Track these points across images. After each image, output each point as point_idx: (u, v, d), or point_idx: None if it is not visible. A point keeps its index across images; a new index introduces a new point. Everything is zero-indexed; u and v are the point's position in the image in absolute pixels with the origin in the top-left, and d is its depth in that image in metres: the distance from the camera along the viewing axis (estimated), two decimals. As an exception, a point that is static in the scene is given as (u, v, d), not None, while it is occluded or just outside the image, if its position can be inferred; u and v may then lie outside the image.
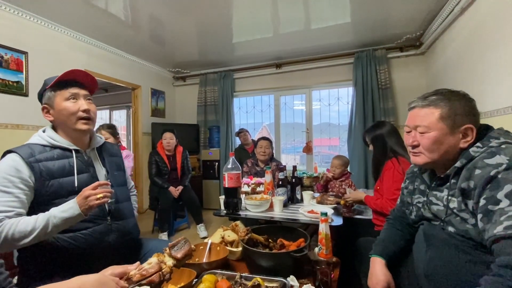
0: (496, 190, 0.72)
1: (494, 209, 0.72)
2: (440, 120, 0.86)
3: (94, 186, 0.95)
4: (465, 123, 0.85)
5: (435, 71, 3.26)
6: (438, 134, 0.86)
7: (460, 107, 0.86)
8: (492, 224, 0.72)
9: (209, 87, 4.60)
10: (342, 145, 4.20)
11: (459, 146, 0.86)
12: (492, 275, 0.69)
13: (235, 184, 1.58)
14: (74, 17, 2.77)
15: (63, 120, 1.06)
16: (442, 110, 0.86)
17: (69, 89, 1.06)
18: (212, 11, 2.69)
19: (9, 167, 0.94)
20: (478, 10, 2.21)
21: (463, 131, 0.85)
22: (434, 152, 0.88)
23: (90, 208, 0.94)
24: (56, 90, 1.06)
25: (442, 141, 0.86)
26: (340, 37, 3.39)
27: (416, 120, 0.92)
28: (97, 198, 0.93)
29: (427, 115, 0.89)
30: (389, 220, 1.19)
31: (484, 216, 0.74)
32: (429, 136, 0.88)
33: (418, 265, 0.95)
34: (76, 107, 1.06)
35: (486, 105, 2.14)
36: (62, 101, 1.05)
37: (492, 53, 2.03)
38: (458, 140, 0.86)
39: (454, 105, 0.86)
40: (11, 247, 0.90)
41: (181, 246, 0.77)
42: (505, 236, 0.68)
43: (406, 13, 2.80)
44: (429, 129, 0.88)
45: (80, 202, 0.93)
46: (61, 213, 0.91)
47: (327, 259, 1.11)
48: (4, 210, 0.89)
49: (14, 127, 2.51)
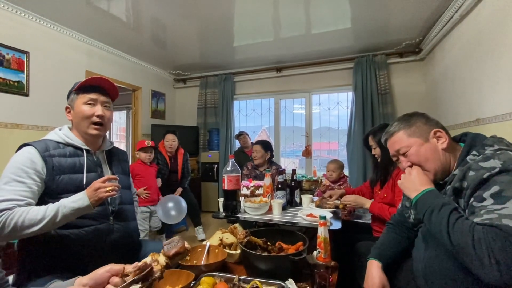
0: (484, 190, 0.75)
1: (477, 205, 0.76)
2: (410, 137, 0.99)
3: (103, 180, 1.00)
4: (430, 129, 0.97)
5: (434, 77, 3.28)
6: (417, 147, 0.97)
7: (417, 120, 1.00)
8: (472, 216, 0.75)
9: (210, 89, 4.62)
10: (341, 150, 4.21)
11: (440, 148, 0.95)
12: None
13: (235, 186, 1.58)
14: (76, 18, 2.79)
15: (78, 122, 1.13)
16: (405, 129, 1.00)
17: (90, 94, 1.13)
18: (214, 14, 2.71)
19: (25, 159, 0.99)
20: (478, 18, 2.24)
21: (433, 135, 0.96)
22: (427, 162, 0.95)
23: (99, 200, 0.98)
24: (79, 93, 1.13)
25: (424, 150, 0.95)
26: (340, 42, 3.42)
27: (394, 146, 1.03)
28: (106, 190, 0.98)
29: (399, 139, 1.01)
30: (389, 224, 1.21)
31: (468, 211, 0.78)
32: (411, 153, 0.97)
33: (417, 265, 0.96)
34: (92, 112, 1.12)
35: (484, 111, 2.16)
36: (81, 104, 1.12)
37: (491, 60, 2.05)
38: (435, 144, 0.95)
39: (412, 122, 1.00)
40: (19, 236, 0.92)
41: (174, 245, 0.77)
42: (482, 224, 0.71)
43: (406, 19, 2.83)
44: (408, 147, 0.98)
45: (89, 194, 0.97)
46: (71, 203, 0.95)
47: (326, 262, 1.11)
48: (16, 198, 0.93)
49: (14, 127, 2.51)
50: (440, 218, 0.79)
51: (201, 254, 1.24)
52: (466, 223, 0.73)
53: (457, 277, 0.81)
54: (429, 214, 0.83)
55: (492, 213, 0.71)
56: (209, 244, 1.29)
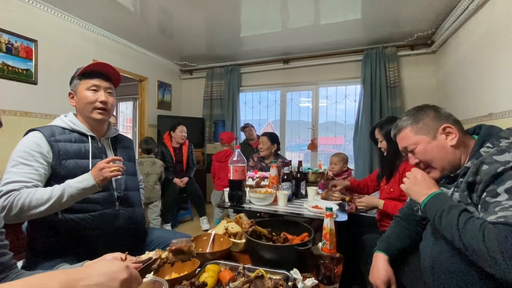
0: (498, 185, 0.73)
1: (491, 201, 0.73)
2: (416, 134, 0.96)
3: (108, 160, 1.01)
4: (439, 124, 0.93)
5: (445, 70, 3.20)
6: (424, 144, 0.94)
7: (425, 116, 0.95)
8: (486, 213, 0.73)
9: (216, 81, 4.59)
10: (347, 144, 4.16)
11: (448, 145, 0.91)
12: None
13: (240, 177, 1.58)
14: (84, 7, 2.78)
15: (81, 107, 1.14)
16: (412, 126, 0.97)
17: (92, 80, 1.13)
18: (221, 4, 2.66)
19: (31, 143, 1.01)
20: (493, 10, 2.15)
21: (442, 131, 0.92)
22: (434, 161, 0.93)
23: (105, 180, 0.98)
24: (81, 79, 1.14)
25: (431, 148, 0.93)
26: (349, 33, 3.34)
27: (402, 143, 1.01)
28: (111, 170, 0.98)
29: (406, 135, 0.98)
30: (396, 217, 1.19)
31: (482, 207, 0.76)
32: (418, 150, 0.95)
33: (425, 259, 0.95)
34: (95, 98, 1.12)
35: (498, 106, 2.10)
36: (84, 90, 1.13)
37: (506, 54, 1.98)
38: (444, 140, 0.91)
39: (419, 117, 0.96)
40: (27, 216, 0.93)
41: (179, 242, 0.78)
42: (495, 222, 0.69)
43: (418, 11, 2.74)
44: (415, 144, 0.96)
45: (95, 174, 0.98)
46: (77, 184, 0.96)
47: (331, 254, 1.10)
48: (24, 180, 0.95)
49: (23, 115, 2.54)
50: (450, 220, 0.77)
51: (206, 242, 1.25)
52: (476, 223, 0.72)
53: (466, 273, 0.79)
54: (438, 217, 0.81)
55: (507, 210, 0.68)
56: (215, 233, 1.29)
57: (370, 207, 1.66)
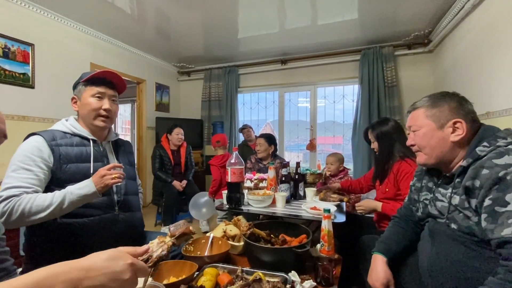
0: (504, 192, 0.70)
1: (501, 210, 0.70)
2: (426, 118, 0.94)
3: (109, 167, 1.01)
4: (453, 117, 0.89)
5: (443, 69, 3.20)
6: (426, 130, 0.93)
7: (445, 104, 0.92)
8: (498, 226, 0.70)
9: (214, 82, 4.59)
10: (346, 144, 4.17)
11: (450, 140, 0.89)
12: (499, 278, 0.68)
13: (238, 179, 1.58)
14: (81, 10, 2.77)
15: (84, 114, 1.15)
16: (427, 108, 0.95)
17: (98, 87, 1.13)
18: (218, 6, 2.66)
19: (32, 147, 1.01)
20: (489, 8, 2.16)
21: (452, 125, 0.89)
22: (426, 148, 0.93)
23: (106, 187, 0.99)
24: (86, 85, 1.14)
25: (431, 136, 0.92)
26: (346, 33, 3.35)
27: (410, 121, 1.01)
28: (112, 177, 0.98)
29: (417, 115, 0.97)
30: (394, 218, 1.19)
31: (489, 216, 0.73)
32: (418, 133, 0.95)
33: (423, 261, 0.95)
34: (99, 105, 1.13)
35: (494, 105, 2.11)
36: (88, 97, 1.13)
37: (503, 53, 1.98)
38: (448, 134, 0.90)
39: (439, 103, 0.93)
40: (27, 222, 0.93)
41: (180, 226, 0.80)
42: None
43: (415, 10, 2.75)
44: (419, 127, 0.95)
45: (96, 181, 0.98)
46: (78, 190, 0.96)
47: (329, 255, 1.10)
48: (24, 186, 0.95)
49: (20, 119, 2.54)
50: None
51: (204, 246, 1.25)
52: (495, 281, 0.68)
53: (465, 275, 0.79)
54: None
55: None
56: (213, 235, 1.29)
57: (369, 210, 1.69)
